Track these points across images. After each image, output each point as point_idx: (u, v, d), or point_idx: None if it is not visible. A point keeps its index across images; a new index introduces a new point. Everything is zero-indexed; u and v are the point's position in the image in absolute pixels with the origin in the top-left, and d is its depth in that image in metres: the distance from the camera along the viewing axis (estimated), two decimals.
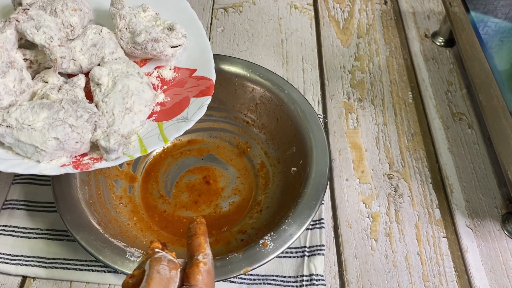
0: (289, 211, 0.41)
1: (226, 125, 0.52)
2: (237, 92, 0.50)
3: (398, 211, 0.48)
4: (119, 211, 0.45)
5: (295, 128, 0.47)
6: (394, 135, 0.54)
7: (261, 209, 0.46)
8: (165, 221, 0.46)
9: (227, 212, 0.47)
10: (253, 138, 0.51)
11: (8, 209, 0.46)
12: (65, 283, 0.42)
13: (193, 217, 0.31)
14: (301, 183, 0.43)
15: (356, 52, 0.62)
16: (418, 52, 0.62)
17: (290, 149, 0.47)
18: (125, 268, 0.37)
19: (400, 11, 0.67)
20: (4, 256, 0.43)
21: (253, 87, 0.49)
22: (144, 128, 0.40)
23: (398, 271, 0.44)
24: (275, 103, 0.48)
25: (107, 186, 0.46)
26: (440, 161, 0.52)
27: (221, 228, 0.46)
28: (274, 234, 0.39)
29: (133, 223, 0.45)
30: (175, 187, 0.48)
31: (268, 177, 0.49)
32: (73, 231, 0.39)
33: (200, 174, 0.49)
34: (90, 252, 0.38)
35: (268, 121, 0.50)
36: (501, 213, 0.48)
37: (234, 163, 0.50)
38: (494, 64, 0.46)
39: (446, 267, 0.44)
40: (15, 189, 0.47)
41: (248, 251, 0.38)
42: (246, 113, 0.51)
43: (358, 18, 0.66)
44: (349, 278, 0.44)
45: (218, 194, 0.48)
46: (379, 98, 0.57)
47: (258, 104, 0.50)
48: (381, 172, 0.51)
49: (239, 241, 0.44)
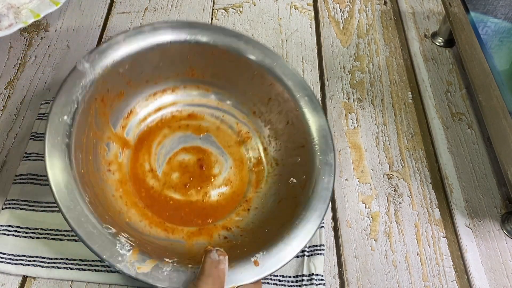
0: (284, 230, 0.39)
1: (232, 109, 0.49)
2: (254, 81, 0.47)
3: (397, 211, 0.48)
4: (105, 179, 0.43)
5: (306, 141, 0.44)
6: (394, 135, 0.54)
7: (249, 208, 0.45)
8: (151, 199, 0.44)
9: (215, 203, 0.45)
10: (256, 129, 0.49)
11: (8, 209, 0.46)
12: (66, 283, 0.42)
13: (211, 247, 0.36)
14: (300, 202, 0.41)
15: (356, 52, 0.62)
16: (417, 52, 0.62)
17: (294, 158, 0.45)
18: (114, 260, 0.35)
19: (400, 11, 0.67)
20: (4, 256, 0.43)
21: (273, 82, 0.46)
22: (33, 3, 0.40)
23: (398, 271, 0.44)
24: (291, 106, 0.46)
25: (98, 150, 0.44)
26: (440, 161, 0.52)
27: (206, 219, 0.44)
28: (266, 254, 0.37)
29: (119, 195, 0.43)
30: (167, 164, 0.46)
31: (262, 175, 0.47)
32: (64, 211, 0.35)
33: (195, 155, 0.47)
34: (82, 239, 0.35)
35: (277, 120, 0.47)
36: (501, 213, 0.48)
37: (231, 150, 0.48)
38: (494, 64, 0.46)
39: (446, 267, 0.45)
40: (15, 189, 0.47)
41: (238, 268, 0.36)
42: (256, 102, 0.49)
43: (358, 18, 0.66)
44: (349, 278, 0.44)
45: (209, 181, 0.46)
46: (378, 98, 0.57)
47: (271, 100, 0.47)
48: (380, 172, 0.51)
49: (222, 238, 0.43)
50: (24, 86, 0.57)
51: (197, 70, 0.48)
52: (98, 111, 0.43)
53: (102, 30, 0.63)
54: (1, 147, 0.51)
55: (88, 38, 0.62)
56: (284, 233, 0.39)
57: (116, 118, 0.46)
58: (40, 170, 0.48)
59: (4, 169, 0.49)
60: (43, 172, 0.48)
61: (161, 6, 0.67)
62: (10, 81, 0.57)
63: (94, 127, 0.43)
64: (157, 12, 0.66)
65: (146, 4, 0.67)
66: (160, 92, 0.49)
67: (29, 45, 0.61)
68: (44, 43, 0.61)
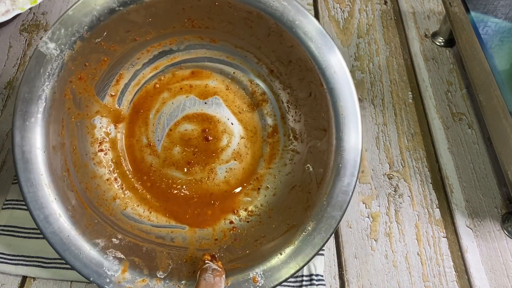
0: (289, 239, 0.35)
1: (244, 63, 0.41)
2: (270, 38, 0.38)
3: (398, 211, 0.48)
4: (97, 161, 0.38)
5: (329, 125, 0.37)
6: (394, 135, 0.54)
7: (260, 187, 0.40)
8: (150, 179, 0.40)
9: (222, 181, 0.40)
10: (274, 92, 0.41)
11: (8, 209, 0.46)
12: (65, 283, 0.42)
13: (209, 258, 0.34)
14: (310, 204, 0.36)
15: (356, 52, 0.62)
16: (418, 52, 0.62)
17: (314, 140, 0.39)
18: (102, 282, 0.34)
19: (400, 11, 0.67)
20: (4, 256, 0.43)
21: (294, 44, 0.37)
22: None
23: (398, 271, 0.44)
24: (315, 78, 0.37)
25: (84, 131, 0.38)
26: (440, 161, 0.52)
27: (211, 201, 0.39)
28: (266, 270, 0.34)
29: (113, 178, 0.39)
30: (167, 137, 0.40)
31: (277, 148, 0.41)
32: (43, 229, 0.34)
33: (199, 124, 0.40)
34: (68, 262, 0.34)
35: (299, 86, 0.40)
36: (501, 213, 0.48)
37: (242, 117, 0.41)
38: (494, 64, 0.46)
39: (446, 267, 0.44)
40: (15, 189, 0.47)
41: (236, 285, 0.34)
42: (274, 60, 0.40)
43: (358, 18, 0.66)
44: (349, 278, 0.44)
45: (216, 156, 0.40)
46: (379, 98, 0.57)
47: (292, 63, 0.39)
48: (381, 172, 0.51)
49: (228, 223, 0.39)
50: None
51: (197, 22, 0.39)
52: (78, 90, 0.36)
53: None
54: (1, 147, 0.51)
55: None
56: (289, 242, 0.35)
57: (103, 87, 0.39)
58: None
59: (4, 169, 0.49)
60: None
61: None
62: (10, 81, 0.57)
63: (74, 110, 0.37)
64: None
65: None
66: (155, 47, 0.40)
67: (29, 45, 0.61)
68: None
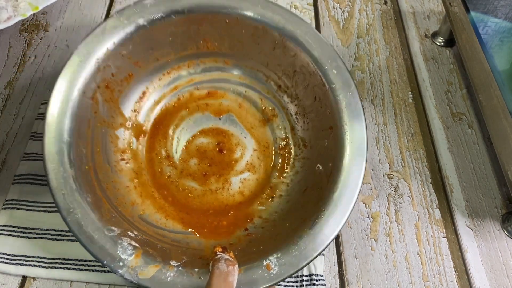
0: (303, 230, 0.36)
1: (255, 82, 0.45)
2: (275, 51, 0.42)
3: (398, 211, 0.48)
4: (119, 168, 0.41)
5: (334, 122, 0.39)
6: (394, 135, 0.54)
7: (274, 196, 0.42)
8: (168, 189, 0.42)
9: (237, 192, 0.42)
10: (282, 106, 0.44)
11: (8, 209, 0.46)
12: (65, 283, 0.42)
13: (220, 249, 0.34)
14: (322, 197, 0.37)
15: (356, 52, 0.62)
16: (418, 52, 0.62)
17: (322, 140, 0.41)
18: (116, 266, 0.34)
19: (400, 11, 0.67)
20: (4, 256, 0.43)
21: (296, 52, 0.41)
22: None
23: (398, 271, 0.44)
24: (318, 81, 0.40)
25: (108, 139, 0.41)
26: (440, 161, 0.52)
27: (227, 212, 0.41)
28: (280, 257, 0.35)
29: (133, 185, 0.41)
30: (184, 149, 0.43)
31: (289, 159, 0.43)
32: (67, 217, 0.35)
33: (214, 138, 0.44)
34: (83, 243, 0.35)
35: (304, 95, 0.43)
36: (501, 213, 0.48)
37: (254, 132, 0.44)
38: (494, 64, 0.46)
39: (446, 267, 0.44)
40: (15, 189, 0.47)
41: (249, 272, 0.34)
42: (280, 75, 0.44)
43: (358, 18, 0.66)
44: (349, 278, 0.44)
45: (231, 167, 0.43)
46: (379, 98, 0.57)
47: (296, 72, 0.42)
48: (381, 172, 0.51)
49: (243, 230, 0.40)
50: (23, 86, 0.56)
51: (211, 42, 0.44)
52: (104, 98, 0.41)
53: None
54: (1, 147, 0.51)
55: None
56: (302, 232, 0.36)
57: (127, 102, 0.43)
58: (40, 170, 0.48)
59: (4, 169, 0.49)
60: (42, 172, 0.48)
61: None
62: (10, 81, 0.57)
63: (100, 116, 0.40)
64: None
65: None
66: (175, 70, 0.45)
67: (29, 45, 0.61)
68: (43, 43, 0.61)
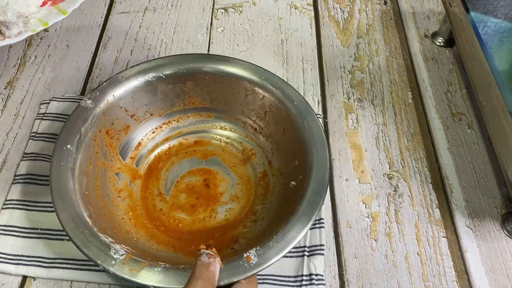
0: (279, 225, 0.40)
1: (234, 129, 0.52)
2: (248, 98, 0.50)
3: (398, 211, 0.48)
4: (116, 204, 0.46)
5: (300, 142, 0.46)
6: (394, 135, 0.54)
7: (256, 219, 0.46)
8: (160, 220, 0.46)
9: (223, 219, 0.46)
10: (259, 146, 0.51)
11: (8, 209, 0.46)
12: (65, 283, 0.42)
13: (205, 247, 0.37)
14: (297, 199, 0.42)
15: (356, 52, 0.62)
16: (418, 52, 0.62)
17: (293, 162, 0.47)
18: (107, 264, 0.37)
19: (400, 11, 0.67)
20: (4, 256, 0.43)
21: (264, 94, 0.49)
22: (41, 13, 0.44)
23: (398, 271, 0.44)
24: (283, 113, 0.48)
25: (107, 179, 0.47)
26: (440, 161, 0.52)
27: (213, 234, 0.45)
28: (259, 249, 0.38)
29: (128, 218, 0.45)
30: (174, 187, 0.49)
31: (269, 187, 0.48)
32: (63, 222, 0.40)
33: (201, 176, 0.49)
34: (76, 244, 0.38)
35: (276, 131, 0.50)
36: (501, 213, 0.48)
37: (236, 169, 0.50)
38: (494, 64, 0.46)
39: (446, 267, 0.44)
40: (15, 189, 0.47)
41: (230, 263, 0.38)
42: (255, 119, 0.51)
43: (358, 18, 0.66)
44: (349, 278, 0.44)
45: (216, 199, 0.48)
46: (379, 98, 0.57)
47: (267, 112, 0.50)
48: (381, 172, 0.51)
49: (230, 249, 0.44)
50: (23, 86, 0.57)
51: (196, 98, 0.52)
52: (104, 142, 0.48)
53: (102, 30, 0.63)
54: (1, 147, 0.51)
55: (88, 38, 0.62)
56: (279, 228, 0.40)
57: (125, 150, 0.50)
58: (40, 170, 0.48)
59: (4, 169, 0.49)
60: (42, 172, 0.48)
61: (161, 6, 0.67)
62: (10, 81, 0.57)
63: (101, 156, 0.47)
64: (157, 12, 0.66)
65: (146, 4, 0.67)
66: (166, 124, 0.53)
67: (29, 45, 0.61)
68: (44, 43, 0.61)
